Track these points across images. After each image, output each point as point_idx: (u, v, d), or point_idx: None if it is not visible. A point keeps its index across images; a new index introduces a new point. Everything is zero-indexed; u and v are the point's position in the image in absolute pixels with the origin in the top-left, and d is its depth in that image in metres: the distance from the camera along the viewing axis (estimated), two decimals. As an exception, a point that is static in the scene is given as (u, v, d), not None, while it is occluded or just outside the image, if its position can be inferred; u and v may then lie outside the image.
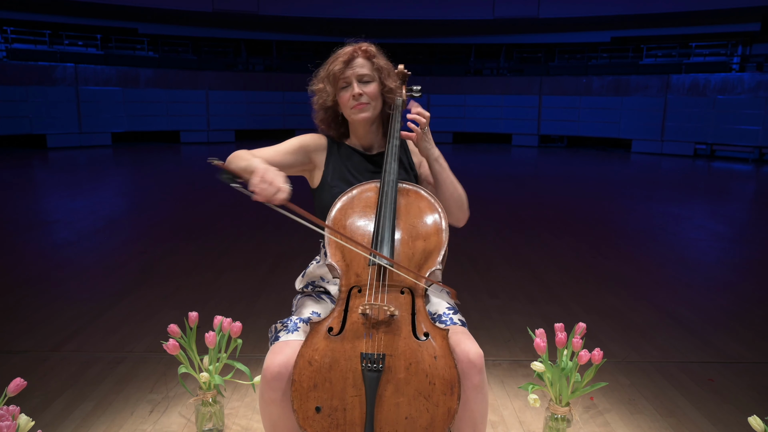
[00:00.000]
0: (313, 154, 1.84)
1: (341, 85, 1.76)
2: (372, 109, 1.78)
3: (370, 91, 1.76)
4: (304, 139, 1.85)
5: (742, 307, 3.77)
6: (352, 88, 1.74)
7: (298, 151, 1.81)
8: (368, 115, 1.78)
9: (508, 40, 18.56)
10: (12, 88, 13.57)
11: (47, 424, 2.24)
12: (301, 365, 1.46)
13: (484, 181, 9.74)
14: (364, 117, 1.77)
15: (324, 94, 1.80)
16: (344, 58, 1.75)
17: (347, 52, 1.77)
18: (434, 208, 1.70)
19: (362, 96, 1.74)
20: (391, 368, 1.45)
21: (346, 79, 1.75)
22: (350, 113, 1.78)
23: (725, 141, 14.34)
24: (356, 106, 1.75)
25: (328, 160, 1.84)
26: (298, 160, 1.81)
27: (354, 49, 1.77)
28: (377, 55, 1.79)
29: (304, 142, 1.84)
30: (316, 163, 1.84)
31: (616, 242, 5.56)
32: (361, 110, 1.76)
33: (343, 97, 1.76)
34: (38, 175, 10.49)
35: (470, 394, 1.54)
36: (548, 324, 3.07)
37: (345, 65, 1.75)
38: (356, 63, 1.75)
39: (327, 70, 1.78)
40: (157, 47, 17.31)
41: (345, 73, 1.74)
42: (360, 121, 1.80)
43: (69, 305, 3.56)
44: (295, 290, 1.93)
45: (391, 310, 1.48)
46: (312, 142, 1.85)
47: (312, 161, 1.84)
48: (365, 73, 1.75)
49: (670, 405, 2.50)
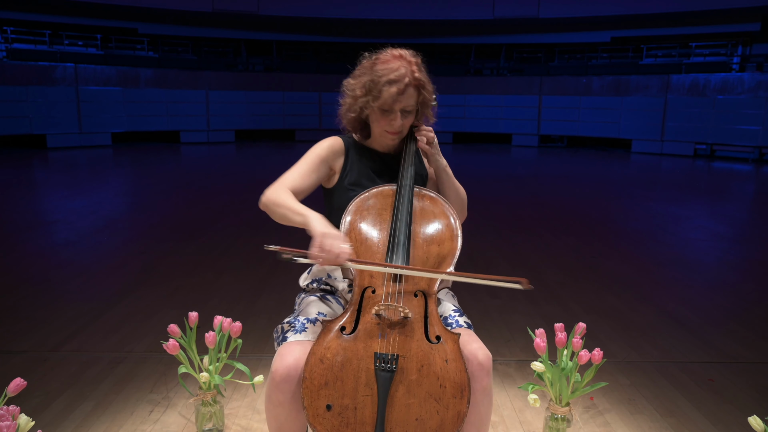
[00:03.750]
0: (333, 162, 1.83)
1: (384, 108, 1.72)
2: (402, 137, 1.81)
3: (408, 123, 1.77)
4: (321, 150, 1.81)
5: (742, 307, 3.77)
6: (394, 118, 1.72)
7: (320, 167, 1.80)
8: (397, 142, 1.83)
9: (508, 40, 18.56)
10: (12, 88, 13.58)
11: (47, 424, 2.24)
12: (313, 363, 1.46)
13: (484, 181, 9.74)
14: (393, 144, 1.83)
15: (365, 108, 1.75)
16: (398, 88, 1.67)
17: (401, 78, 1.68)
18: (449, 214, 1.72)
19: (401, 128, 1.76)
20: (404, 369, 1.46)
21: (393, 108, 1.71)
22: (382, 135, 1.79)
23: (725, 141, 14.34)
24: (391, 133, 1.76)
25: (346, 162, 1.83)
26: (321, 175, 1.81)
27: (409, 78, 1.69)
28: (426, 85, 1.75)
29: (323, 153, 1.81)
30: (335, 170, 1.84)
31: (616, 242, 5.56)
32: (393, 139, 1.79)
33: (382, 119, 1.74)
34: (38, 175, 10.49)
35: (478, 396, 1.54)
36: (548, 324, 3.07)
37: (397, 95, 1.68)
38: (407, 93, 1.69)
39: (376, 90, 1.69)
40: (157, 47, 17.31)
41: (394, 105, 1.70)
42: (387, 145, 1.84)
43: (69, 305, 3.56)
44: (298, 288, 1.92)
45: (405, 311, 1.50)
46: (330, 151, 1.82)
47: (332, 169, 1.84)
48: (410, 104, 1.73)
49: (670, 405, 2.50)
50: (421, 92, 1.74)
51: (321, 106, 17.27)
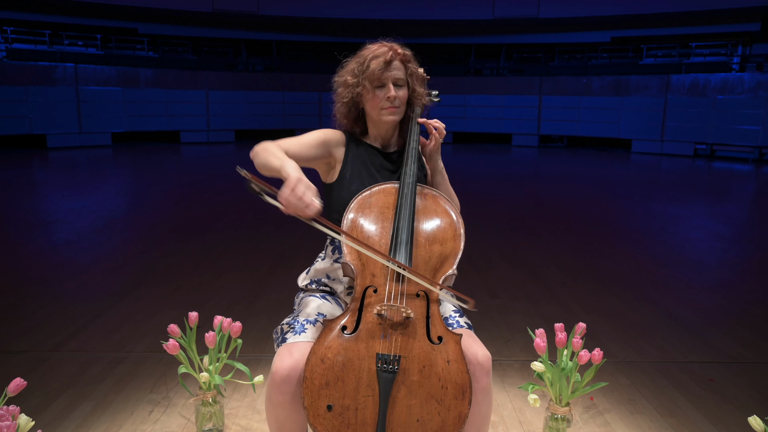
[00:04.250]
0: (334, 148, 1.83)
1: (376, 85, 1.74)
2: (401, 113, 1.80)
3: (403, 96, 1.77)
4: (325, 133, 1.82)
5: (742, 307, 3.77)
6: (387, 89, 1.74)
7: (321, 145, 1.79)
8: (397, 118, 1.80)
9: (508, 40, 18.55)
10: (12, 88, 13.57)
11: (47, 424, 2.24)
12: (314, 363, 1.46)
13: (484, 181, 9.74)
14: (393, 120, 1.79)
15: (357, 88, 1.77)
16: (384, 59, 1.73)
17: (385, 53, 1.74)
18: (452, 213, 1.71)
19: (396, 99, 1.75)
20: (406, 370, 1.45)
21: (383, 80, 1.74)
22: (380, 113, 1.77)
23: (725, 141, 14.34)
24: (389, 108, 1.76)
25: (347, 157, 1.83)
26: (320, 154, 1.80)
27: (392, 51, 1.75)
28: (412, 60, 1.80)
29: (325, 136, 1.82)
30: (336, 158, 1.83)
31: (616, 242, 5.56)
32: (392, 113, 1.77)
33: (377, 96, 1.75)
34: (38, 175, 10.49)
35: (478, 396, 1.55)
36: (548, 324, 3.07)
37: (385, 66, 1.73)
38: (394, 65, 1.74)
39: (364, 66, 1.74)
40: (157, 47, 17.31)
41: (383, 74, 1.73)
42: (387, 123, 1.81)
43: (69, 305, 3.56)
44: (297, 288, 1.92)
45: (408, 312, 1.49)
46: (333, 137, 1.83)
47: (332, 155, 1.83)
48: (400, 77, 1.75)
49: (670, 405, 2.50)
50: (407, 66, 1.78)
51: (321, 106, 17.27)
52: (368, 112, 1.81)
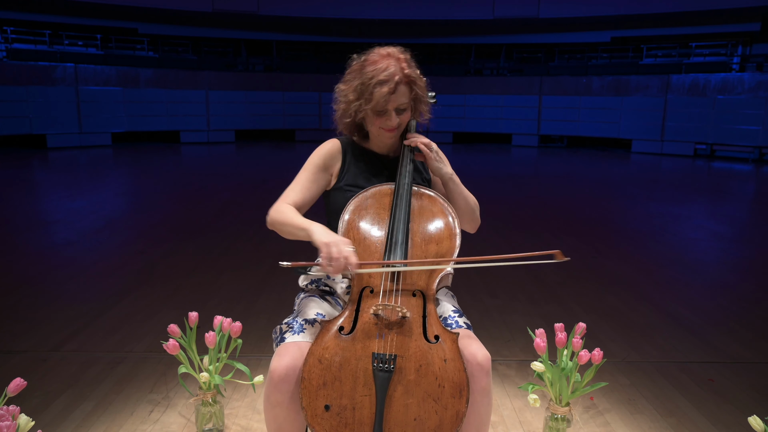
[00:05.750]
0: (331, 167, 1.83)
1: (378, 109, 1.70)
2: (400, 133, 1.79)
3: (404, 119, 1.75)
4: (319, 158, 1.81)
5: (742, 307, 3.77)
6: (389, 117, 1.71)
7: (320, 175, 1.80)
8: (396, 139, 1.80)
9: (508, 40, 18.56)
10: (12, 88, 13.57)
11: (47, 424, 2.24)
12: (311, 363, 1.46)
13: (484, 181, 9.74)
14: (392, 142, 1.81)
15: (359, 112, 1.73)
16: (389, 87, 1.65)
17: (391, 77, 1.66)
18: (447, 213, 1.71)
19: (398, 125, 1.74)
20: (402, 369, 1.46)
21: (386, 108, 1.70)
22: (379, 133, 1.77)
23: (725, 141, 14.34)
24: (387, 131, 1.75)
25: (344, 164, 1.83)
26: (321, 182, 1.81)
27: (399, 74, 1.67)
28: (417, 81, 1.74)
29: (320, 161, 1.81)
30: (333, 173, 1.83)
31: (616, 242, 5.56)
32: (391, 137, 1.77)
33: (377, 119, 1.73)
34: (38, 175, 10.49)
35: (477, 397, 1.54)
36: (548, 324, 3.07)
37: (389, 95, 1.67)
38: (399, 91, 1.68)
39: (367, 92, 1.68)
40: (157, 47, 17.31)
41: (387, 105, 1.69)
42: (385, 143, 1.82)
43: (69, 305, 3.56)
44: (298, 288, 1.92)
45: (404, 311, 1.49)
46: (327, 156, 1.82)
47: (331, 174, 1.83)
48: (404, 102, 1.71)
49: (670, 405, 2.50)
50: (412, 88, 1.73)
51: (321, 106, 17.27)
52: (368, 128, 1.81)
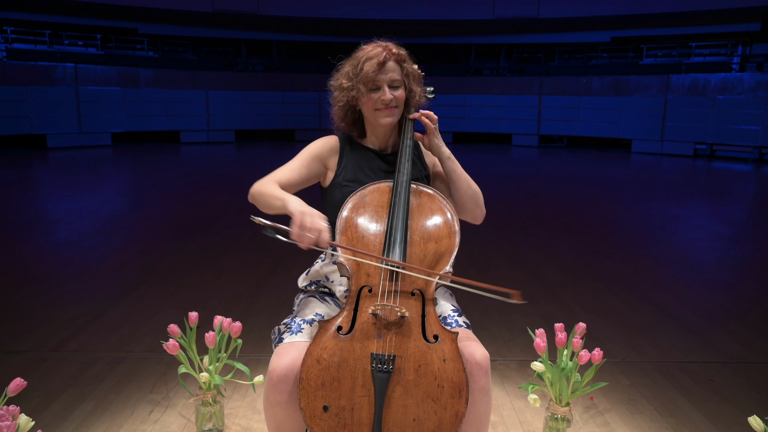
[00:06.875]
0: (327, 160, 1.82)
1: (370, 87, 1.72)
2: (398, 114, 1.78)
3: (399, 96, 1.75)
4: (315, 147, 1.82)
5: (742, 307, 3.77)
6: (383, 92, 1.72)
7: (312, 163, 1.80)
8: (394, 120, 1.78)
9: (508, 40, 18.56)
10: (12, 88, 13.57)
11: (47, 424, 2.24)
12: (309, 363, 1.46)
13: (484, 181, 9.64)
14: (390, 122, 1.77)
15: (352, 92, 1.75)
16: (378, 60, 1.70)
17: (378, 54, 1.72)
18: (446, 210, 1.70)
19: (392, 100, 1.73)
20: (401, 370, 1.45)
21: (377, 82, 1.72)
22: (376, 115, 1.76)
23: (725, 141, 14.34)
24: (384, 109, 1.74)
25: (341, 160, 1.82)
26: (313, 171, 1.80)
27: (387, 52, 1.72)
28: (407, 60, 1.77)
29: (315, 151, 1.81)
30: (330, 167, 1.83)
31: (616, 242, 5.56)
32: (388, 114, 1.76)
33: (371, 98, 1.73)
34: (38, 175, 10.49)
35: (476, 396, 1.54)
36: (548, 324, 3.07)
37: (379, 68, 1.70)
38: (388, 67, 1.72)
39: (357, 69, 1.72)
40: (157, 47, 17.31)
41: (378, 77, 1.71)
42: (384, 125, 1.79)
43: (69, 305, 3.56)
44: (297, 288, 1.92)
45: (402, 311, 1.48)
46: (324, 148, 1.82)
47: (326, 167, 1.83)
48: (396, 78, 1.73)
49: (670, 405, 2.50)
50: (402, 66, 1.75)
51: (321, 106, 17.26)
52: (365, 115, 1.80)
